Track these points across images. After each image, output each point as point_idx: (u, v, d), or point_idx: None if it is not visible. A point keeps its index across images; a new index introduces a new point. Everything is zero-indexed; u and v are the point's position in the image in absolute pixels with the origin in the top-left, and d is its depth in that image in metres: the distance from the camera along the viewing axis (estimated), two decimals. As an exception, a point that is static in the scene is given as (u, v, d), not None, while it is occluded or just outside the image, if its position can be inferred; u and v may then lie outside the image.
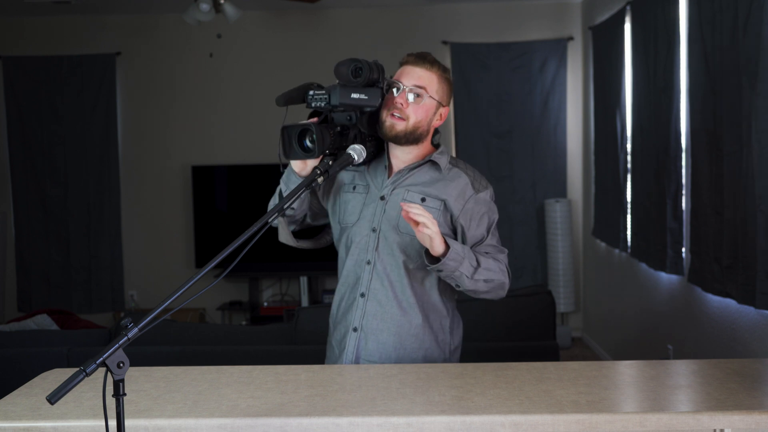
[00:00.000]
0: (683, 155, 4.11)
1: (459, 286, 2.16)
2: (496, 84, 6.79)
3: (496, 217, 2.27)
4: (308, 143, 2.14)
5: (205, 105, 7.05)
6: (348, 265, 2.29)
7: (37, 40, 6.97)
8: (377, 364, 2.22)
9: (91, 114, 6.95)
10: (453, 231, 2.26)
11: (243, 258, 1.79)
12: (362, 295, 2.25)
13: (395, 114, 2.18)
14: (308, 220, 2.42)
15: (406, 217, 2.04)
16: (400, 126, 2.19)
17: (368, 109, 2.16)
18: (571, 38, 6.78)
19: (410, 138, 2.21)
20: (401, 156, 2.27)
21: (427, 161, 2.26)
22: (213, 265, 1.62)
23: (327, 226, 2.49)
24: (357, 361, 2.26)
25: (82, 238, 6.99)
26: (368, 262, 2.25)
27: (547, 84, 6.77)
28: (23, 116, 6.94)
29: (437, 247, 2.07)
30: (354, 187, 2.32)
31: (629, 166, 5.10)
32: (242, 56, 7.00)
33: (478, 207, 2.24)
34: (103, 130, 6.96)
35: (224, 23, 6.51)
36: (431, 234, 2.04)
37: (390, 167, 2.30)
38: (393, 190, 2.26)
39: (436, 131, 2.30)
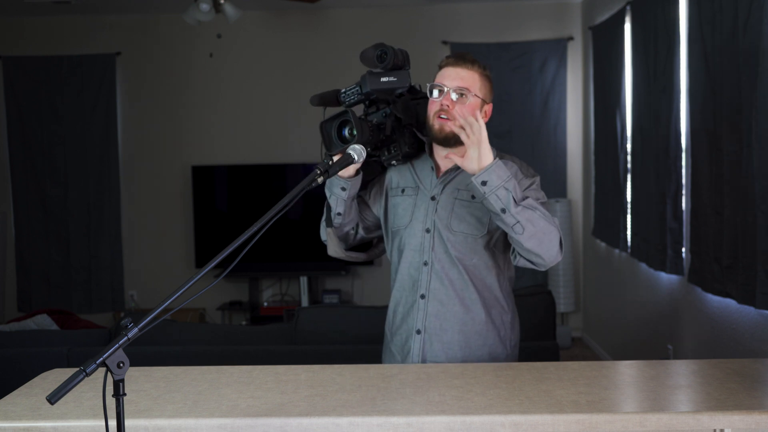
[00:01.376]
0: (683, 155, 4.11)
1: (504, 213, 2.04)
2: (496, 84, 6.73)
3: (544, 200, 2.22)
4: (346, 134, 2.14)
5: (205, 105, 7.05)
6: (402, 269, 2.28)
7: (37, 40, 6.97)
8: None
9: (91, 114, 6.95)
10: None
11: (243, 258, 1.79)
12: (422, 296, 2.25)
13: (442, 116, 2.18)
14: (361, 233, 2.40)
15: (456, 130, 2.06)
16: (448, 127, 2.19)
17: (400, 91, 2.17)
18: (571, 38, 6.78)
19: (459, 138, 2.20)
20: (446, 154, 2.26)
21: None
22: (213, 265, 1.62)
23: (377, 240, 2.49)
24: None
25: (82, 238, 6.99)
26: (425, 263, 2.24)
27: (547, 84, 6.77)
28: (23, 116, 6.94)
29: (485, 157, 2.05)
30: (402, 190, 2.31)
31: (629, 166, 5.10)
32: (242, 56, 7.00)
33: (528, 192, 2.21)
34: (103, 130, 6.96)
35: (224, 23, 6.50)
36: (481, 137, 2.04)
37: (437, 167, 2.30)
38: (443, 189, 2.26)
39: None
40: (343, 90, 2.20)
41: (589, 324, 6.70)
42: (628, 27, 5.15)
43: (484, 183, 2.04)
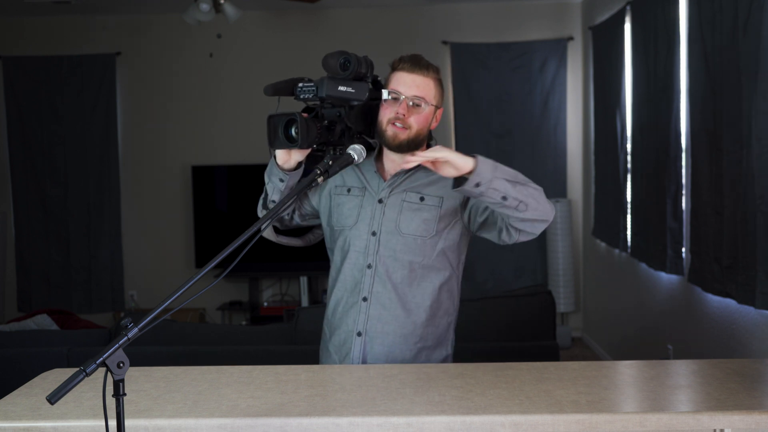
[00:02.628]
0: (683, 155, 4.11)
1: (506, 200, 2.03)
2: (496, 84, 6.79)
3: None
4: (293, 133, 2.12)
5: (205, 105, 7.05)
6: (345, 269, 2.28)
7: (37, 40, 6.97)
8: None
9: (91, 114, 6.95)
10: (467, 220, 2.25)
11: (243, 258, 1.79)
12: (364, 299, 2.25)
13: (397, 124, 2.18)
14: (297, 220, 2.40)
15: (425, 164, 2.03)
16: (403, 135, 2.18)
17: (355, 103, 2.15)
18: (571, 38, 6.78)
19: (412, 145, 2.21)
20: (398, 159, 2.25)
21: None
22: (213, 265, 1.62)
23: (314, 226, 2.49)
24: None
25: (82, 238, 6.99)
26: (369, 266, 2.24)
27: (547, 84, 6.77)
28: (23, 116, 6.94)
29: (464, 165, 2.01)
30: (348, 190, 2.31)
31: (629, 166, 5.10)
32: (242, 56, 7.00)
33: None
34: (103, 130, 6.96)
35: (224, 23, 6.50)
36: (447, 156, 2.00)
37: (383, 169, 2.30)
38: (391, 193, 2.26)
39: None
40: (300, 84, 2.16)
41: (589, 324, 6.70)
42: (628, 27, 5.15)
43: (478, 184, 2.02)
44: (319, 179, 1.99)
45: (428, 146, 2.28)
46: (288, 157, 2.19)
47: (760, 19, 3.00)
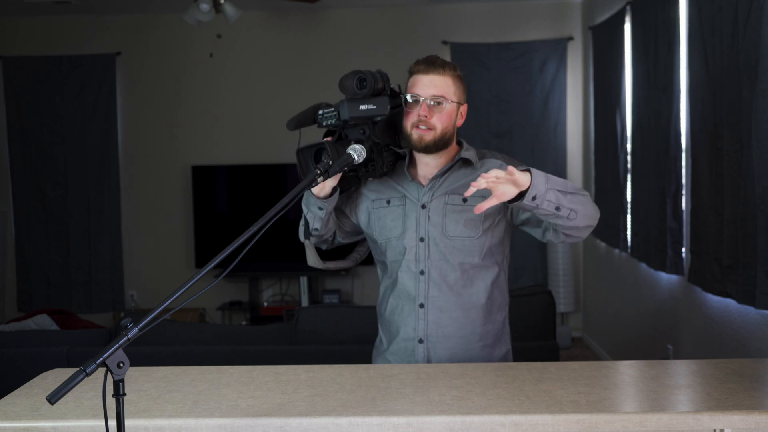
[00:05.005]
0: (683, 155, 4.11)
1: (559, 210, 2.03)
2: (496, 84, 6.79)
3: None
4: (325, 161, 2.13)
5: (205, 105, 7.05)
6: (399, 278, 2.28)
7: (37, 40, 6.97)
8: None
9: (91, 114, 6.95)
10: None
11: (243, 258, 1.79)
12: (421, 305, 2.25)
13: (421, 126, 2.18)
14: (339, 238, 2.39)
15: (485, 185, 1.99)
16: (428, 136, 2.19)
17: (379, 118, 2.17)
18: (571, 38, 6.78)
19: (440, 145, 2.21)
20: (432, 162, 2.26)
21: (458, 160, 2.26)
22: (213, 265, 1.62)
23: (356, 244, 2.49)
24: None
25: (82, 238, 6.99)
26: (422, 272, 2.25)
27: (547, 84, 6.77)
28: (23, 116, 6.94)
29: (524, 180, 1.99)
30: (388, 201, 2.30)
31: (629, 166, 5.10)
32: (242, 56, 7.00)
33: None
34: (103, 130, 6.96)
35: (224, 23, 6.51)
36: (510, 176, 1.97)
37: (417, 175, 2.29)
38: (433, 197, 2.26)
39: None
40: (321, 111, 2.17)
41: (589, 324, 6.70)
42: (628, 27, 5.15)
43: (534, 198, 2.01)
44: (319, 179, 1.99)
45: (458, 144, 2.29)
46: (322, 186, 2.18)
47: (760, 19, 3.00)
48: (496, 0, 6.81)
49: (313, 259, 2.34)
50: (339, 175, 2.18)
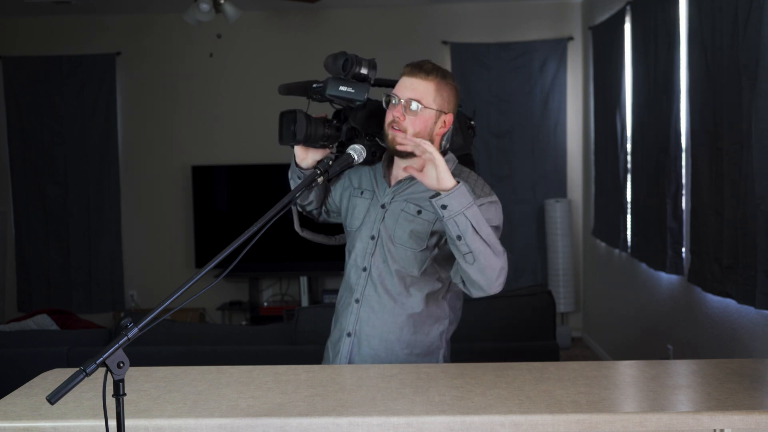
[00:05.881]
0: (683, 155, 4.11)
1: (460, 239, 2.02)
2: (496, 84, 6.79)
3: (498, 223, 2.18)
4: (292, 128, 2.17)
5: (205, 105, 7.05)
6: (347, 270, 2.33)
7: (37, 40, 6.97)
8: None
9: (91, 114, 6.95)
10: None
11: (243, 258, 1.79)
12: (357, 300, 2.28)
13: (395, 126, 2.18)
14: (324, 216, 2.46)
15: (411, 169, 2.05)
16: (400, 138, 2.18)
17: (358, 103, 2.19)
18: (571, 38, 6.78)
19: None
20: (403, 164, 2.24)
21: None
22: (213, 265, 1.62)
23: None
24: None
25: (82, 238, 6.99)
26: (364, 269, 2.27)
27: (547, 84, 6.77)
28: (23, 116, 6.94)
29: (445, 179, 1.99)
30: (362, 192, 2.33)
31: (629, 166, 5.10)
32: (242, 56, 7.00)
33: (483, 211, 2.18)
34: (103, 130, 6.96)
35: (224, 23, 6.51)
36: (433, 155, 1.99)
37: (390, 175, 2.30)
38: (393, 200, 2.26)
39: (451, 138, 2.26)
40: (314, 84, 2.22)
41: (589, 324, 6.70)
42: (628, 27, 5.15)
43: (444, 207, 2.01)
44: (319, 179, 2.00)
45: (444, 153, 2.26)
46: (305, 155, 2.26)
47: (760, 19, 3.00)
48: (496, 0, 6.81)
49: (296, 225, 2.42)
50: (325, 150, 2.24)
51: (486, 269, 2.04)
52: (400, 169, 2.27)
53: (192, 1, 5.57)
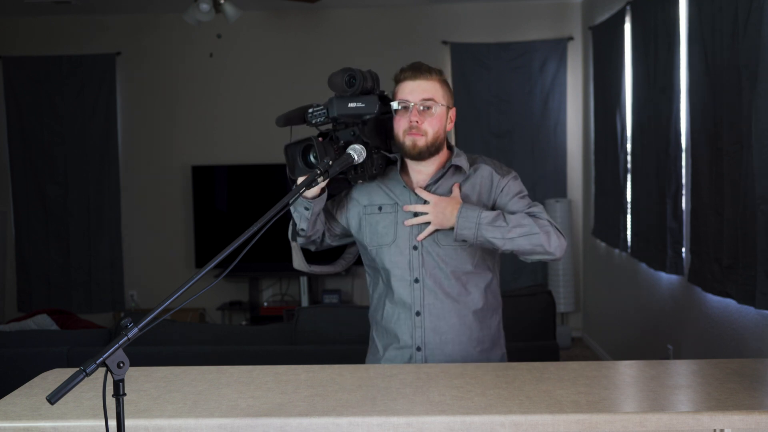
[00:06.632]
0: (683, 155, 4.11)
1: (498, 249, 2.18)
2: (495, 84, 6.79)
3: (525, 192, 2.29)
4: (312, 159, 2.13)
5: (205, 105, 7.05)
6: (394, 286, 2.27)
7: (37, 40, 6.97)
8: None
9: (91, 114, 6.95)
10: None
11: (243, 258, 1.79)
12: (417, 313, 2.25)
13: (413, 131, 2.17)
14: (328, 241, 2.37)
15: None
16: (421, 142, 2.18)
17: (367, 117, 2.16)
18: (571, 38, 6.78)
19: (432, 150, 2.21)
20: (424, 169, 2.25)
21: (449, 167, 2.26)
22: (213, 265, 1.62)
23: (344, 250, 2.48)
24: None
25: (82, 238, 6.99)
26: (416, 281, 2.25)
27: (547, 84, 6.77)
28: (23, 116, 6.95)
29: (447, 220, 2.18)
30: (380, 208, 2.29)
31: (629, 166, 5.10)
32: (242, 56, 7.00)
33: (508, 189, 2.26)
34: (103, 130, 6.96)
35: (224, 23, 6.50)
36: (431, 219, 2.18)
37: (410, 182, 2.28)
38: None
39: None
40: (310, 110, 2.17)
41: (589, 324, 6.70)
42: (628, 27, 5.15)
43: (464, 240, 2.16)
44: (319, 179, 1.99)
45: (449, 149, 2.28)
46: (314, 189, 2.18)
47: (760, 19, 3.00)
48: (496, 0, 6.81)
49: (298, 262, 2.34)
50: (328, 180, 2.16)
51: (536, 248, 2.18)
52: (420, 173, 2.27)
53: (192, 1, 5.57)
